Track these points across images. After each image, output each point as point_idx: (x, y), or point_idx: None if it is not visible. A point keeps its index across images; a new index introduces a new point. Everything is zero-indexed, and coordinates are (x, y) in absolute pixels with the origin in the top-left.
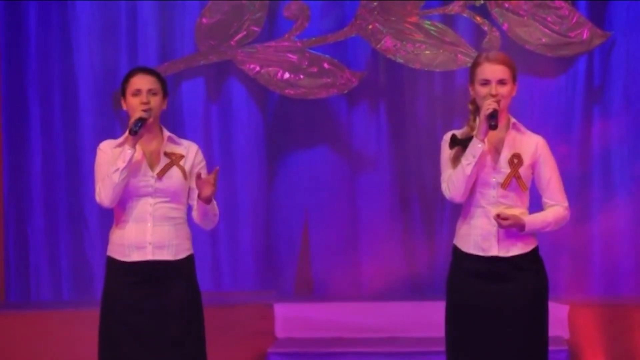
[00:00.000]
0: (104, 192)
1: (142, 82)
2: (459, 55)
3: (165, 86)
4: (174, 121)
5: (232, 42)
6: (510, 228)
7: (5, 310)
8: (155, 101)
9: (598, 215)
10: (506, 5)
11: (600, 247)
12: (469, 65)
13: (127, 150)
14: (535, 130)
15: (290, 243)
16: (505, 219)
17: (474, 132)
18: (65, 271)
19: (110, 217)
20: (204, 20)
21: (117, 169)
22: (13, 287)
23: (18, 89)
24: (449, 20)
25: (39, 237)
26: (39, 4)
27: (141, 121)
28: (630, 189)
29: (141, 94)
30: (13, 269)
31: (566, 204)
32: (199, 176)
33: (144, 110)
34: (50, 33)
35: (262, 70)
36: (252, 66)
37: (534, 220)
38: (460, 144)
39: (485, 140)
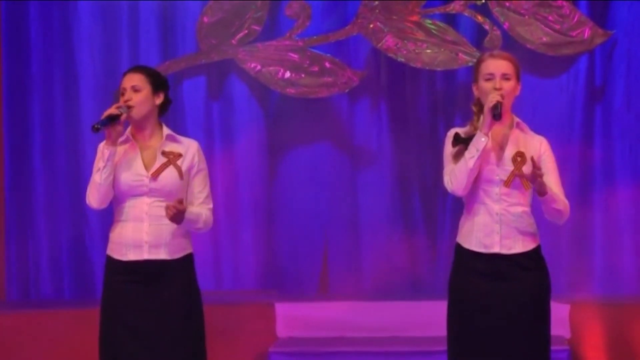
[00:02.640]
0: (91, 194)
1: (126, 80)
2: (460, 54)
3: (157, 81)
4: (175, 120)
5: (233, 41)
6: (539, 184)
7: (5, 309)
8: (138, 97)
9: (599, 214)
10: (507, 4)
11: (601, 246)
12: (470, 64)
13: (105, 150)
14: (536, 129)
15: (292, 242)
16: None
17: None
18: (66, 270)
19: (111, 216)
20: (205, 19)
21: (98, 169)
22: (14, 285)
23: (20, 88)
24: (450, 19)
25: (39, 236)
26: (40, 3)
27: (111, 118)
28: (631, 188)
29: (125, 93)
30: (14, 268)
31: (567, 201)
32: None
33: (118, 107)
34: (52, 32)
35: (264, 69)
36: (253, 65)
37: (551, 189)
38: (463, 143)
39: (490, 136)
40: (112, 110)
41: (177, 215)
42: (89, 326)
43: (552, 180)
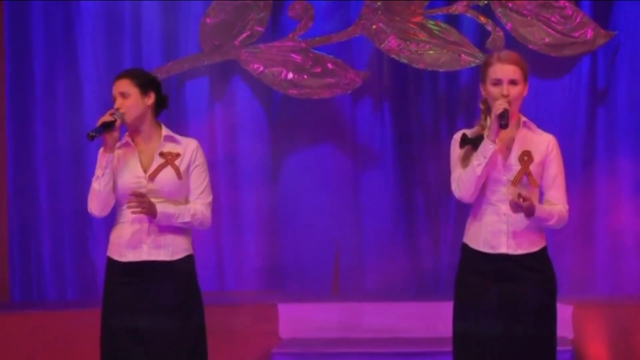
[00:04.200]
0: (91, 203)
1: (114, 88)
2: (463, 55)
3: (144, 82)
4: (178, 121)
5: (236, 42)
6: (525, 210)
7: (9, 310)
8: (128, 102)
9: (602, 215)
10: (510, 5)
11: (604, 247)
12: (473, 65)
13: (103, 157)
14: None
15: (295, 242)
16: (525, 199)
17: (485, 132)
18: (68, 271)
19: (113, 217)
20: (208, 20)
21: (97, 177)
22: (17, 286)
23: (23, 89)
24: (453, 20)
25: (42, 237)
26: (43, 3)
27: (105, 125)
28: (634, 189)
29: (115, 100)
30: (17, 269)
31: (567, 206)
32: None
33: (112, 114)
34: (55, 33)
35: (266, 70)
36: (256, 66)
37: (542, 207)
38: (471, 143)
39: (497, 139)
40: (106, 117)
41: (142, 208)
42: (91, 327)
43: (557, 183)
